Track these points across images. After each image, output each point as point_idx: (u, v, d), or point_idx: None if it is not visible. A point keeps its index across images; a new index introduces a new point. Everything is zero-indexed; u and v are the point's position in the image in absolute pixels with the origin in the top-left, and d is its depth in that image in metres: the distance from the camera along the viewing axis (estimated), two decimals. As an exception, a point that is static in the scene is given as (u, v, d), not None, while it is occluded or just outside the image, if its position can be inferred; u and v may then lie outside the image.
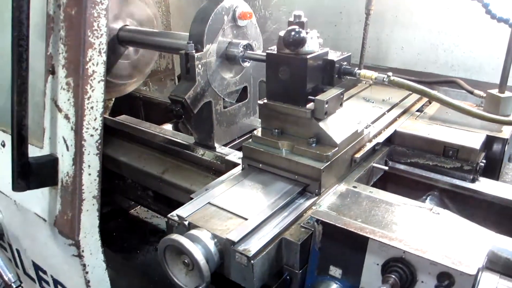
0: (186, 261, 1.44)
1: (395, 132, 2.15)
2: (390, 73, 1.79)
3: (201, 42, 2.14)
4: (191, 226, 1.53)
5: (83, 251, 1.70)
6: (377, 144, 2.03)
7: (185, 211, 1.60)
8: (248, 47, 2.29)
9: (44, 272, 2.04)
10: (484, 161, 2.00)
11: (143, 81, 3.24)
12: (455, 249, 1.27)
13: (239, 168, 1.97)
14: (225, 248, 1.45)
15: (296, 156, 1.76)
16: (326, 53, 1.80)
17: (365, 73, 1.81)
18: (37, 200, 1.77)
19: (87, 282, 1.76)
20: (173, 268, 1.52)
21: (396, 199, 1.62)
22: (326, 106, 1.73)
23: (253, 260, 1.39)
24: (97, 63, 1.55)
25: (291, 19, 1.74)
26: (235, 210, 1.59)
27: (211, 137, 2.35)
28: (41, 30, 1.59)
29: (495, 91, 2.31)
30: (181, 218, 1.57)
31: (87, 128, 1.59)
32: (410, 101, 2.51)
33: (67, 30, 1.54)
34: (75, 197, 1.62)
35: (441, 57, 3.02)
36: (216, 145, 2.35)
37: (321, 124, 1.76)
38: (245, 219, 1.54)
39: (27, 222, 1.92)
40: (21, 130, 1.50)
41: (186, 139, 2.50)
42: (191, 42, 2.12)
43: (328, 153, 1.71)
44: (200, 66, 2.14)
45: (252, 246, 1.43)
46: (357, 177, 1.88)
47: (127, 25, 2.75)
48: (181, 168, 2.45)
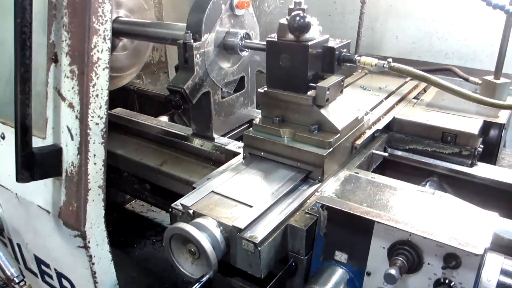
0: (192, 250, 1.44)
1: (393, 119, 2.17)
2: (390, 59, 1.79)
3: (199, 32, 2.12)
4: (196, 215, 1.52)
5: (89, 242, 1.68)
6: (376, 131, 2.04)
7: (189, 200, 1.59)
8: (246, 36, 2.28)
9: (47, 266, 2.01)
10: (482, 146, 2.02)
11: (137, 73, 3.21)
12: (461, 230, 1.28)
13: (239, 158, 1.97)
14: (231, 235, 1.45)
15: (298, 143, 1.76)
16: (326, 40, 1.80)
17: (365, 59, 1.81)
18: (40, 192, 1.75)
19: (93, 273, 1.74)
20: (178, 258, 1.51)
21: (399, 184, 1.63)
22: (327, 93, 1.74)
23: (260, 247, 1.39)
24: (101, 50, 1.53)
25: (291, 6, 1.74)
26: (239, 198, 1.59)
27: (210, 127, 2.33)
28: (42, 19, 1.56)
29: (490, 78, 2.34)
30: (185, 207, 1.56)
31: (92, 117, 1.57)
32: (407, 89, 2.53)
33: (71, 16, 1.51)
34: (80, 187, 1.59)
35: (435, 45, 3.04)
36: (214, 135, 2.35)
37: (322, 111, 1.77)
38: (250, 206, 1.54)
39: (29, 215, 1.89)
40: (24, 119, 1.47)
41: (184, 130, 2.49)
42: (189, 31, 2.11)
43: (331, 140, 1.72)
44: (198, 56, 2.13)
45: (258, 233, 1.43)
46: (358, 163, 1.89)
47: (120, 16, 2.72)
48: (179, 159, 2.43)
